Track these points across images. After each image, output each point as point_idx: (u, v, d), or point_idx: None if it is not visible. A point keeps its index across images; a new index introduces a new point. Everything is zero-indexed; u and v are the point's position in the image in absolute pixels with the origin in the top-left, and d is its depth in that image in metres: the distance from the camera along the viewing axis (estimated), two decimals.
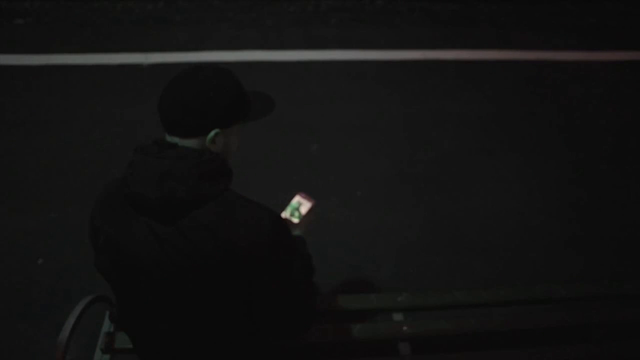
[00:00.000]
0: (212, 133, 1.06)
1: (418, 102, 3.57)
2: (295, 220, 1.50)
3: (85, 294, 1.51)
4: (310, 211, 1.52)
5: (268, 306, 1.10)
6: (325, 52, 4.04)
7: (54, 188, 2.75)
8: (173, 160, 1.01)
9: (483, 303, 1.73)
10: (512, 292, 1.76)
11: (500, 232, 2.64)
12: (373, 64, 3.95)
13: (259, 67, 3.80)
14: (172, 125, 1.06)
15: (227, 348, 1.16)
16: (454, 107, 3.55)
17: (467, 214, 2.74)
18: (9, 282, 2.27)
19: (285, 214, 1.52)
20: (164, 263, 1.03)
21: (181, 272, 1.03)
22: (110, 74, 3.65)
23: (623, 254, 2.57)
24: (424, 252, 2.51)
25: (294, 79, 3.71)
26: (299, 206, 1.52)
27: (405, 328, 1.65)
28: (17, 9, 4.43)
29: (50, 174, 2.83)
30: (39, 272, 2.32)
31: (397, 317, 1.74)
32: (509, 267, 2.46)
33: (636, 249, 2.60)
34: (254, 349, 1.20)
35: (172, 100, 1.05)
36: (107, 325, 1.62)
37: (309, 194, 1.70)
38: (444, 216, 2.72)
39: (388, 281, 2.36)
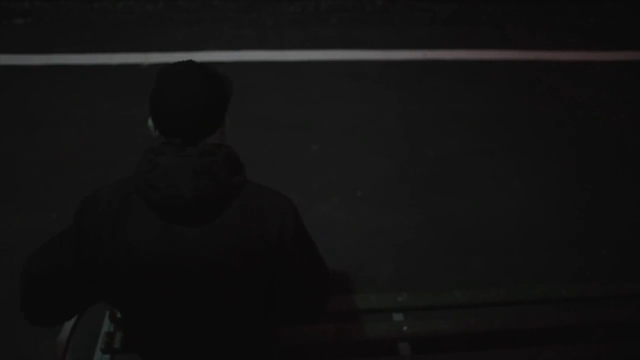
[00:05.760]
0: (218, 130, 1.07)
1: (418, 102, 3.57)
2: None
3: None
4: None
5: (292, 289, 1.13)
6: (325, 52, 4.04)
7: (54, 188, 2.75)
8: (198, 157, 0.99)
9: (483, 303, 1.73)
10: (512, 292, 1.76)
11: (500, 232, 2.64)
12: (373, 64, 3.95)
13: (259, 67, 3.80)
14: (185, 134, 1.01)
15: (237, 348, 1.17)
16: (454, 107, 3.55)
17: (467, 213, 2.74)
18: (9, 282, 2.27)
19: None
20: (191, 266, 1.02)
21: (209, 272, 1.03)
22: (110, 74, 3.65)
23: (623, 254, 2.57)
24: (424, 252, 2.51)
25: (294, 79, 3.71)
26: None
27: (405, 328, 1.65)
28: (17, 9, 4.43)
29: (50, 174, 2.83)
30: None
31: (397, 317, 1.74)
32: (509, 267, 2.46)
33: (636, 249, 2.60)
34: (261, 348, 1.21)
35: (175, 112, 1.00)
36: (107, 325, 1.62)
37: None
38: (444, 216, 2.72)
39: (388, 281, 2.36)
